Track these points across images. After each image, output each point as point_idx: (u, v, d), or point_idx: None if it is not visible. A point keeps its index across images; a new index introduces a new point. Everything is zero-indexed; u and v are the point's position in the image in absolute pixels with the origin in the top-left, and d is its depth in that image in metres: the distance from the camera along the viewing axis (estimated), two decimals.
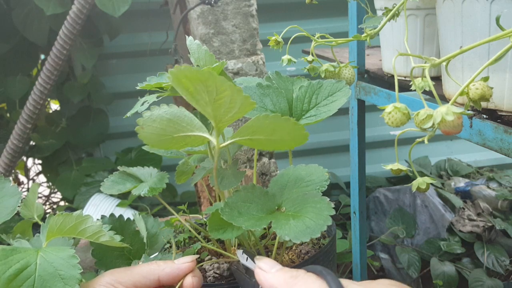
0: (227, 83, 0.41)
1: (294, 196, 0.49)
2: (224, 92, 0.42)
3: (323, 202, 0.45)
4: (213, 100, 0.44)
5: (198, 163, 0.69)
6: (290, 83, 0.62)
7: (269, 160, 1.36)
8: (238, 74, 1.25)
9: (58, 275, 0.42)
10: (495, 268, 1.52)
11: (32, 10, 1.60)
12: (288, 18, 1.97)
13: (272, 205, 0.49)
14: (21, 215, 0.61)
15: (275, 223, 0.44)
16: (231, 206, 0.46)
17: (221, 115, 0.46)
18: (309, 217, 0.43)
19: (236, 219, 0.45)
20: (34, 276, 0.42)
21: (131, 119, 0.72)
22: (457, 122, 0.36)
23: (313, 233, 0.41)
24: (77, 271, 0.43)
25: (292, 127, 0.46)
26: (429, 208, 1.73)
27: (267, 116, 0.45)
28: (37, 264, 0.43)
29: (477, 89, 0.37)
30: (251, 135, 0.48)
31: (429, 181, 0.44)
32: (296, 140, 0.49)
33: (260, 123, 0.46)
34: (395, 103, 0.40)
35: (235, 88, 0.42)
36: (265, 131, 0.47)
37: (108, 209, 1.55)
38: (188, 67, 0.41)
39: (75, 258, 0.44)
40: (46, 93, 1.50)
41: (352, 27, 1.01)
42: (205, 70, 0.41)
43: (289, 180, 0.51)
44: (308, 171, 0.51)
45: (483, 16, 0.57)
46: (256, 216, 0.46)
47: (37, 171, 2.08)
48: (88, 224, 0.47)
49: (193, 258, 0.50)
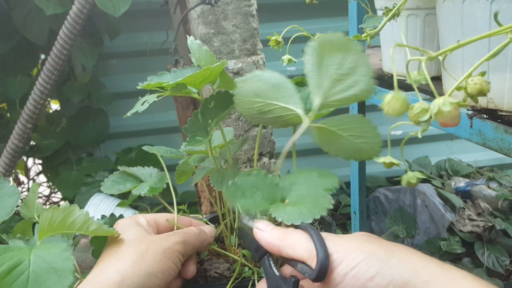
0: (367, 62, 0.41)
1: (300, 192, 0.49)
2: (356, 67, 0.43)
3: (325, 198, 0.46)
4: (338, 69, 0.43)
5: (198, 163, 0.69)
6: None
7: (269, 160, 1.36)
8: (239, 74, 1.25)
9: (52, 268, 0.43)
10: (495, 268, 1.52)
11: (32, 10, 1.60)
12: (288, 18, 1.97)
13: (278, 196, 0.49)
14: (22, 215, 0.61)
15: (272, 209, 0.45)
16: (237, 186, 0.47)
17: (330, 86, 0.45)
18: (306, 206, 0.45)
19: (238, 199, 0.46)
20: (28, 271, 0.43)
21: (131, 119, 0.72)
22: (454, 113, 0.36)
23: (305, 219, 0.43)
24: (70, 263, 0.43)
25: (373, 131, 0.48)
26: (429, 208, 1.73)
27: (355, 116, 0.47)
28: (30, 260, 0.44)
29: (476, 84, 0.37)
30: (336, 128, 0.49)
31: (419, 175, 0.44)
32: (374, 149, 0.50)
33: (346, 120, 0.47)
34: (394, 92, 0.40)
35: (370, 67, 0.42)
36: (351, 131, 0.49)
37: (108, 209, 1.55)
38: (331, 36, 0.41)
39: (67, 251, 0.44)
40: (46, 93, 1.50)
41: (352, 27, 1.01)
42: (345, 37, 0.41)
43: (301, 178, 0.51)
44: (321, 174, 0.51)
45: (483, 16, 0.57)
46: (258, 202, 0.47)
47: (37, 171, 2.08)
48: (75, 215, 0.47)
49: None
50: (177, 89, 0.57)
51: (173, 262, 0.48)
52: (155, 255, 0.46)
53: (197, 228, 0.56)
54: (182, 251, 0.50)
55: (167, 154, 0.68)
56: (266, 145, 1.28)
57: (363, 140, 0.49)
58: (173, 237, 0.50)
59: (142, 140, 2.00)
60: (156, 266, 0.46)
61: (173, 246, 0.49)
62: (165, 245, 0.48)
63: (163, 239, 0.49)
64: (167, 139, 2.01)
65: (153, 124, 2.00)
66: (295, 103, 0.50)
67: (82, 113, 1.89)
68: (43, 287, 0.42)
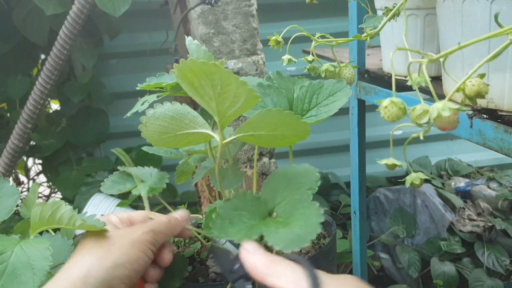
0: (232, 76, 0.41)
1: (285, 201, 0.48)
2: (229, 85, 0.42)
3: (313, 207, 0.44)
4: (217, 94, 0.44)
5: (198, 163, 0.69)
6: (291, 83, 0.62)
7: (269, 160, 1.36)
8: (239, 74, 1.25)
9: (29, 264, 0.44)
10: (495, 268, 1.52)
11: (32, 10, 1.60)
12: (288, 18, 1.97)
13: (264, 211, 0.48)
14: (22, 215, 0.61)
15: (265, 232, 0.43)
16: (223, 216, 0.46)
17: (225, 109, 0.46)
18: (299, 225, 0.43)
19: (228, 231, 0.44)
20: (7, 262, 0.44)
21: (131, 119, 0.72)
22: (453, 118, 0.36)
23: (302, 242, 0.41)
24: (47, 263, 0.44)
25: (294, 122, 0.46)
26: (429, 208, 1.73)
27: (269, 111, 0.45)
28: (13, 252, 0.44)
29: (473, 86, 0.37)
30: (253, 131, 0.48)
31: (423, 176, 0.44)
32: (298, 135, 0.49)
33: (262, 118, 0.46)
34: (392, 98, 0.40)
35: (239, 81, 0.42)
36: (267, 126, 0.47)
37: (108, 209, 1.55)
38: (193, 59, 0.41)
39: (48, 250, 0.45)
40: (46, 93, 1.50)
41: (352, 27, 1.01)
42: (211, 63, 0.41)
43: (280, 182, 0.50)
44: (298, 172, 0.50)
45: (483, 16, 0.57)
46: (248, 225, 0.46)
47: (37, 171, 2.08)
48: (62, 211, 0.47)
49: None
50: (177, 89, 0.57)
51: (142, 252, 0.48)
52: (121, 247, 0.47)
53: (166, 216, 0.57)
54: (151, 240, 0.50)
55: (167, 155, 0.68)
56: None
57: (282, 131, 0.48)
58: (140, 228, 0.51)
59: (142, 140, 1.98)
60: (124, 257, 0.46)
61: (141, 236, 0.49)
62: (132, 236, 0.49)
63: (129, 231, 0.50)
64: None
65: None
66: (202, 125, 0.51)
67: (82, 113, 1.89)
68: (16, 281, 0.43)
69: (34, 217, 0.48)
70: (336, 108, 0.56)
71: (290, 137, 0.49)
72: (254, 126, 0.47)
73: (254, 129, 0.48)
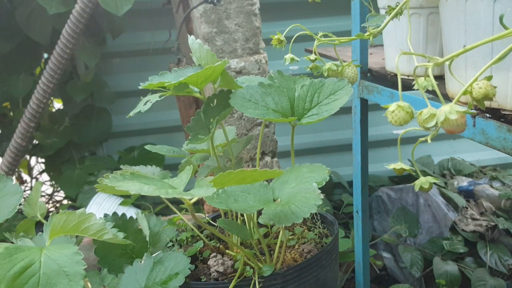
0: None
1: (291, 190, 0.50)
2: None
3: (313, 193, 0.46)
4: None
5: (201, 161, 0.69)
6: (292, 82, 0.62)
7: (271, 159, 1.36)
8: (241, 73, 1.25)
9: (62, 272, 0.43)
10: (498, 268, 1.52)
11: (35, 9, 1.60)
12: (291, 17, 1.97)
13: (269, 197, 0.50)
14: (24, 214, 0.61)
15: (265, 209, 0.46)
16: (229, 194, 0.48)
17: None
18: (296, 204, 0.45)
19: (230, 205, 0.47)
20: (39, 273, 0.42)
21: (134, 118, 0.72)
22: (460, 121, 0.36)
23: (296, 219, 0.43)
24: (81, 267, 0.43)
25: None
26: (432, 207, 1.72)
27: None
28: (41, 262, 0.43)
29: (481, 88, 0.37)
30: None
31: (432, 180, 0.44)
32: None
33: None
34: (399, 102, 0.40)
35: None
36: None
37: (111, 207, 1.55)
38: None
39: (78, 255, 0.44)
40: (49, 92, 1.51)
41: (355, 26, 1.01)
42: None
43: (291, 176, 0.52)
44: (310, 168, 0.52)
45: (486, 15, 0.57)
46: (251, 205, 0.48)
47: (40, 169, 2.09)
48: (91, 222, 0.47)
49: None
50: (179, 89, 0.57)
51: None
52: None
53: None
54: None
55: (170, 153, 0.68)
56: (268, 144, 1.28)
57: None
58: None
59: (145, 139, 2.00)
60: None
61: None
62: None
63: None
64: (169, 138, 2.01)
65: (156, 123, 2.01)
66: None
67: (85, 112, 1.90)
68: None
69: (56, 224, 0.47)
70: (337, 106, 0.56)
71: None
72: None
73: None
